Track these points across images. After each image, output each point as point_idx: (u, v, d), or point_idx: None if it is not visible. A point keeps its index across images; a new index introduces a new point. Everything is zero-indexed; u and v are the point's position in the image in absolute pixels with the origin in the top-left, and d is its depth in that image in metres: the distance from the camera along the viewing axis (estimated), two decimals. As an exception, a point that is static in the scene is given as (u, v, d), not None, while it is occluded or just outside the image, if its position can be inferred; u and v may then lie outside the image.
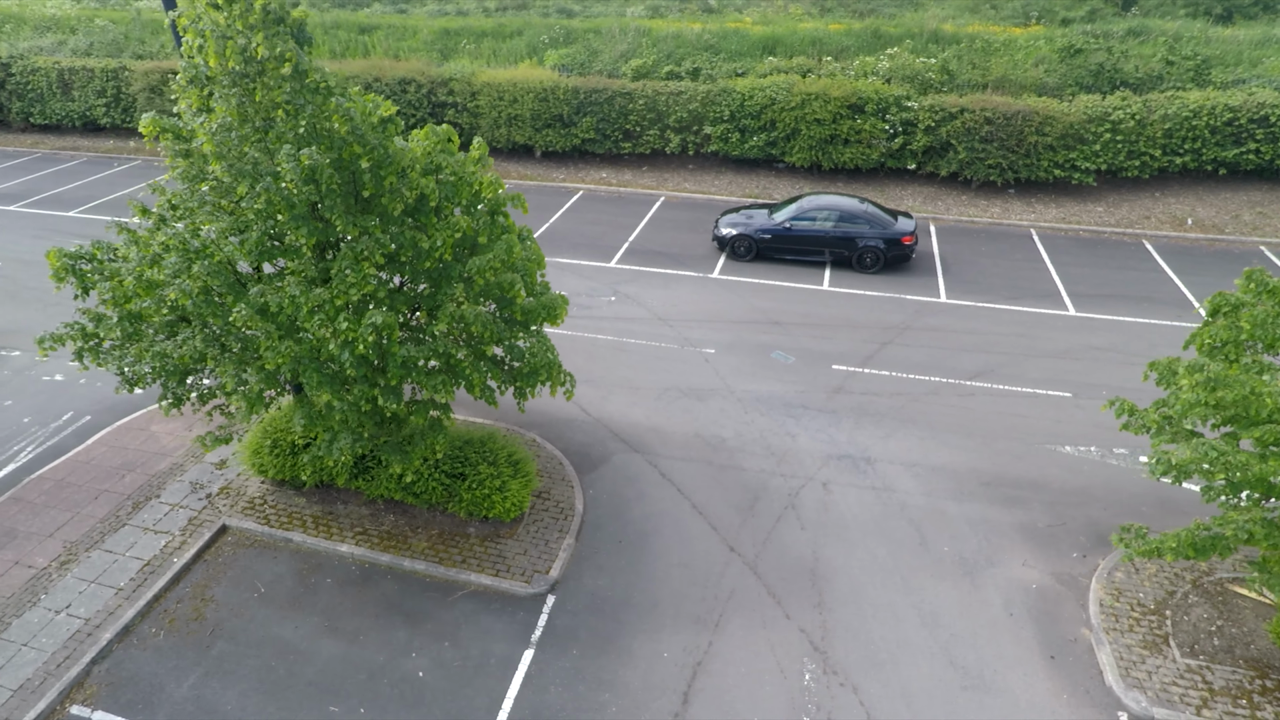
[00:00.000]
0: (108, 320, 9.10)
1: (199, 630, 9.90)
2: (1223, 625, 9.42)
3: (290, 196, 7.93)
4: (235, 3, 7.81)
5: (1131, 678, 8.86)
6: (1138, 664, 9.02)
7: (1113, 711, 8.60)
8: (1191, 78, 24.68)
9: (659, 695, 8.91)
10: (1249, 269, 8.38)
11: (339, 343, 8.14)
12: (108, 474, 12.72)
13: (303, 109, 8.12)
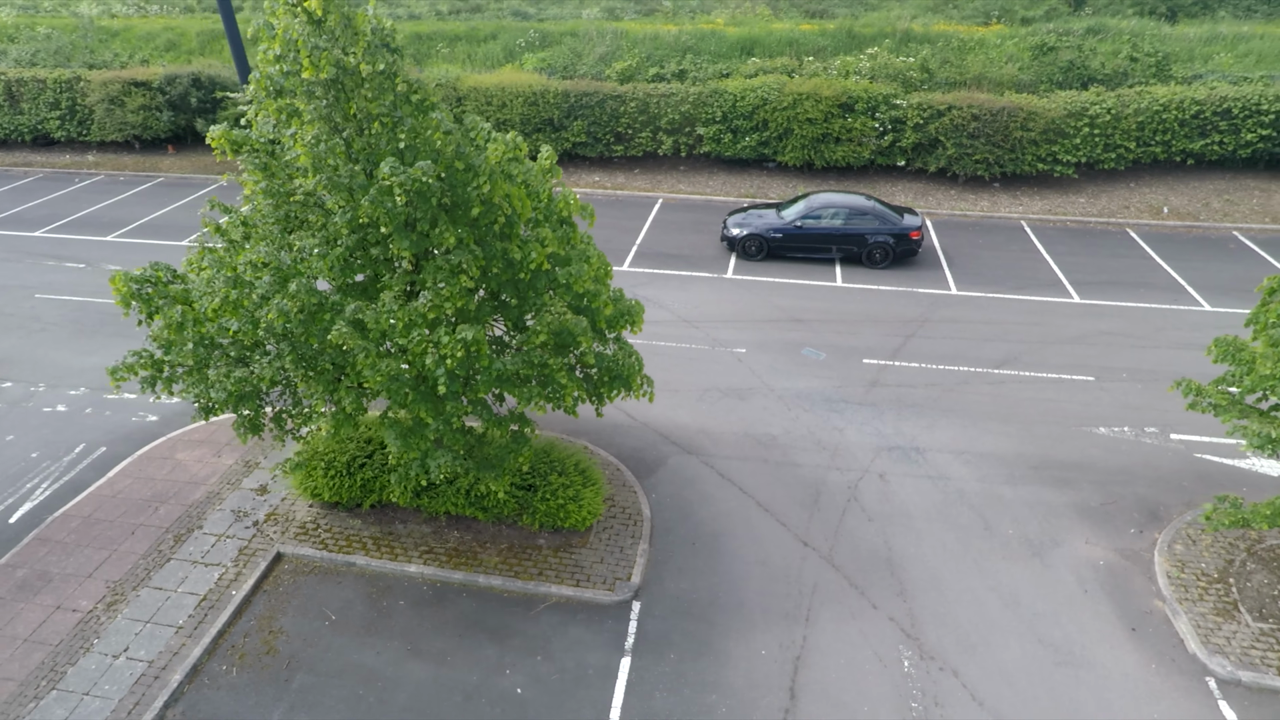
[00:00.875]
0: (179, 346, 8.63)
1: (274, 664, 9.47)
2: (1283, 589, 9.95)
3: (395, 209, 7.67)
4: (330, 15, 7.54)
5: (1212, 644, 9.26)
6: (1214, 631, 9.43)
7: (1200, 678, 8.98)
8: (1154, 74, 25.98)
9: (765, 692, 8.91)
10: None
11: (436, 358, 7.91)
12: (139, 507, 12.06)
13: (401, 122, 7.88)
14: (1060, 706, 8.67)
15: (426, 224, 7.97)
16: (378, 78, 7.77)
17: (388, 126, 7.99)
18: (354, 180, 7.82)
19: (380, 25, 7.87)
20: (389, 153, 7.97)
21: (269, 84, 8.17)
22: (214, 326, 8.38)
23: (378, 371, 7.83)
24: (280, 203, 8.53)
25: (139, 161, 28.87)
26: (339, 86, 7.84)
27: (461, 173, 8.04)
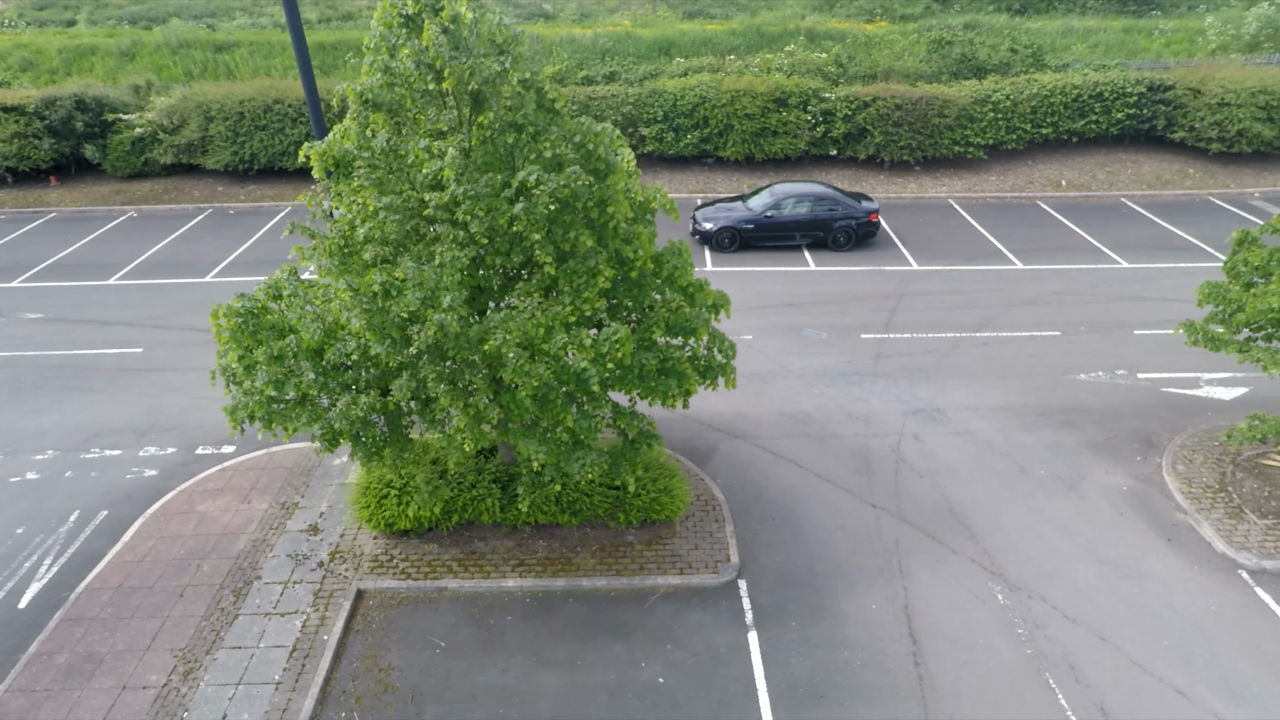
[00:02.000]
0: (296, 377, 8.08)
1: (396, 701, 9.05)
2: (1271, 491, 11.74)
3: (539, 217, 7.60)
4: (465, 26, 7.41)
5: (1234, 543, 10.82)
6: (1232, 531, 11.02)
7: (1233, 571, 10.48)
8: (1031, 64, 29.07)
9: (889, 641, 9.54)
10: None
11: (589, 359, 7.91)
12: (177, 568, 11.04)
13: (546, 130, 7.82)
14: (1136, 613, 9.87)
15: (563, 229, 7.95)
16: (517, 85, 7.69)
17: (529, 134, 7.91)
18: (495, 189, 7.68)
19: (514, 34, 7.79)
20: (533, 160, 7.89)
21: (378, 95, 7.88)
22: (335, 352, 7.96)
23: (531, 377, 7.72)
24: (408, 217, 8.18)
25: (18, 197, 25.73)
26: (477, 96, 7.69)
27: (601, 174, 8.10)
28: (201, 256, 21.16)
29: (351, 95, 8.16)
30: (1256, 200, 24.76)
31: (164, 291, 19.23)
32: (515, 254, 8.08)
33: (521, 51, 7.90)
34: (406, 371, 8.09)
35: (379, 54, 7.97)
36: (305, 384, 8.06)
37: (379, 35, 7.87)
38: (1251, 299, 10.55)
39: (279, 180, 26.18)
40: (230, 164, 25.35)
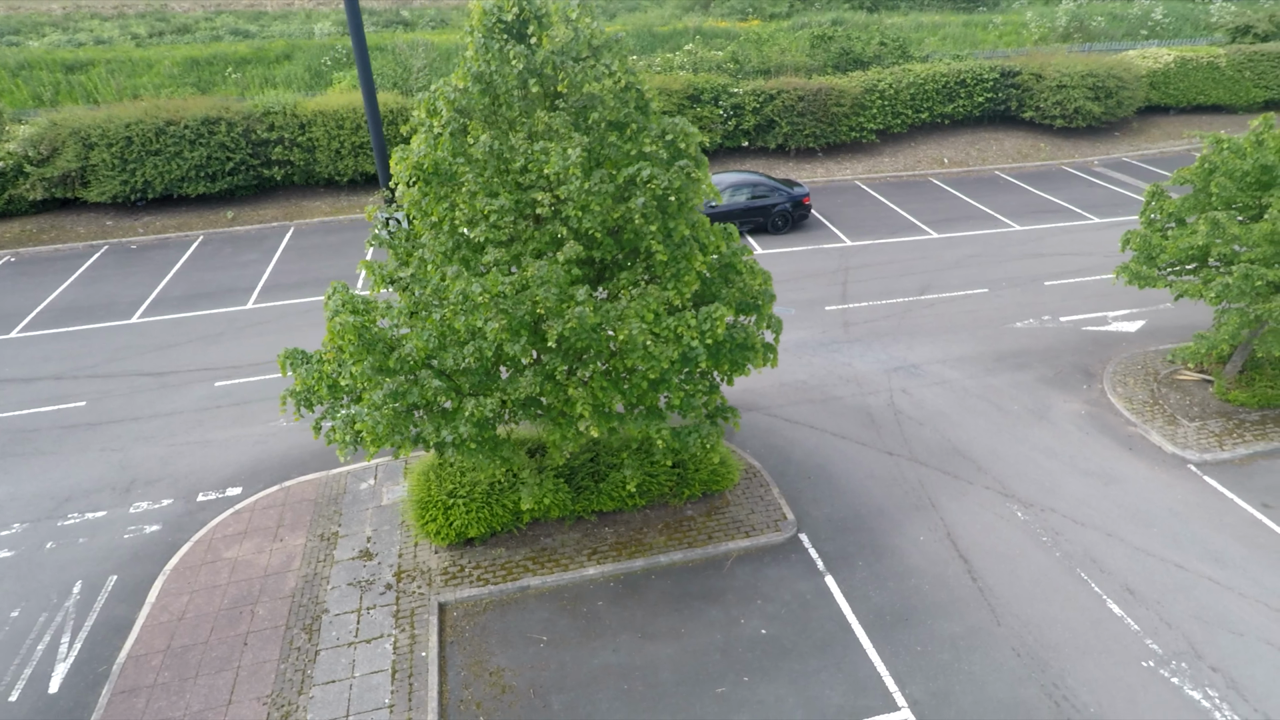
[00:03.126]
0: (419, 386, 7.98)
1: (519, 699, 9.17)
2: (1190, 399, 14.18)
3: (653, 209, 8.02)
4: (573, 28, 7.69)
5: (1178, 444, 13.03)
6: (1173, 435, 13.26)
7: (1183, 466, 12.65)
8: (899, 56, 32.16)
9: (945, 565, 10.77)
10: (1215, 135, 12.78)
11: (693, 338, 8.43)
12: (229, 618, 10.37)
13: (646, 129, 8.21)
14: (1125, 511, 11.72)
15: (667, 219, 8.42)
16: (617, 89, 8.06)
17: (632, 131, 8.28)
18: (604, 187, 8.01)
19: (616, 37, 8.13)
20: (635, 156, 8.27)
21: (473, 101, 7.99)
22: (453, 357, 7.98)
23: (660, 360, 8.13)
24: (519, 218, 8.26)
25: None
26: (585, 99, 7.98)
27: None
28: (117, 297, 19.26)
29: (444, 102, 8.19)
30: (1097, 167, 28.91)
31: (87, 339, 17.40)
32: (625, 245, 8.45)
33: (622, 53, 8.28)
34: (531, 369, 8.25)
35: (483, 60, 8.08)
36: (431, 391, 8.02)
37: (480, 43, 7.97)
38: (1171, 241, 12.76)
39: (179, 209, 24.15)
40: (120, 194, 23.07)
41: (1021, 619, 9.92)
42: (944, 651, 9.51)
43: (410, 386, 8.02)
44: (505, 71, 8.09)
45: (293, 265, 20.71)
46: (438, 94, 8.38)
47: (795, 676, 9.26)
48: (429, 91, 8.58)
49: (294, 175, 24.46)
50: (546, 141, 8.08)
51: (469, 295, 7.67)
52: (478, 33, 8.15)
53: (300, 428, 14.10)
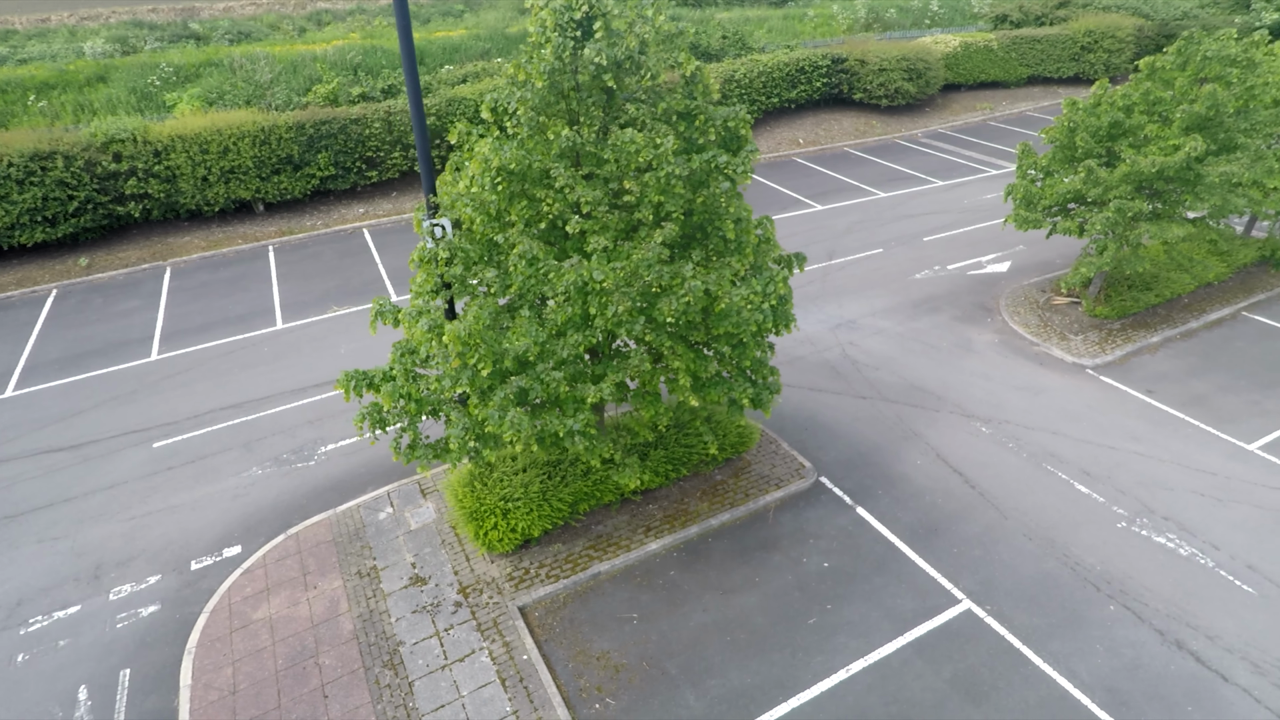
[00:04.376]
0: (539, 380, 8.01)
1: (635, 671, 9.53)
2: (1068, 319, 17.19)
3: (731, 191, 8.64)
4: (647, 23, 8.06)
5: (1073, 354, 15.83)
6: (1068, 349, 16.06)
7: (1083, 372, 15.40)
8: (740, 48, 34.68)
9: (946, 480, 12.45)
10: (1070, 99, 15.47)
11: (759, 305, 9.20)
12: (295, 676, 9.69)
13: (711, 116, 8.72)
14: (1057, 412, 14.14)
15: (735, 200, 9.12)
16: (689, 79, 8.56)
17: (701, 120, 8.79)
18: (685, 172, 8.49)
19: (679, 29, 8.58)
20: (704, 143, 8.80)
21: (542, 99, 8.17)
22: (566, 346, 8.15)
23: (749, 325, 8.80)
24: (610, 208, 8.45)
25: None
26: (655, 90, 8.39)
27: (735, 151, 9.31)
28: (-27, 366, 16.38)
29: (521, 104, 8.27)
30: (921, 139, 33.10)
31: (-43, 415, 14.73)
32: (694, 226, 9.01)
33: (685, 45, 8.77)
34: (641, 347, 8.60)
35: (557, 58, 8.23)
36: (553, 383, 8.11)
37: (559, 43, 8.13)
38: (1048, 189, 15.45)
39: (16, 261, 20.72)
40: (-70, 249, 19.40)
41: (1020, 510, 11.81)
42: (974, 549, 11.12)
43: (533, 382, 8.10)
44: (583, 67, 8.34)
45: (189, 308, 18.70)
46: (508, 96, 8.44)
47: (868, 595, 10.42)
48: (492, 94, 8.62)
49: (154, 210, 21.88)
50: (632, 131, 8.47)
51: (590, 283, 7.91)
52: (552, 31, 8.31)
53: (275, 474, 13.11)
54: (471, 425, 8.40)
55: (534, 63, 8.51)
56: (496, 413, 8.05)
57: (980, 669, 9.34)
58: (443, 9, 56.95)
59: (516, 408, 8.10)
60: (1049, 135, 15.88)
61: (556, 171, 8.43)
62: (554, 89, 8.52)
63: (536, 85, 8.51)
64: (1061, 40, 39.20)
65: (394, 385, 8.71)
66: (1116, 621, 9.93)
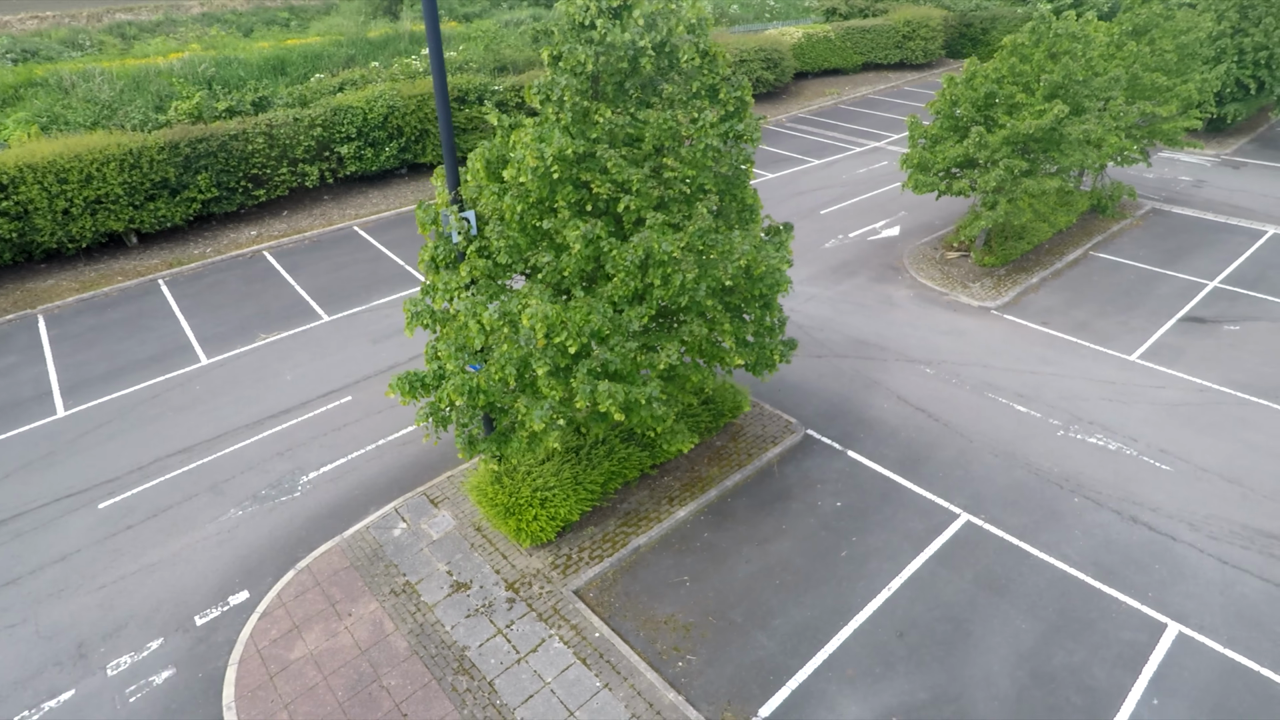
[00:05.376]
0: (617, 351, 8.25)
1: (705, 627, 10.05)
2: (962, 269, 19.54)
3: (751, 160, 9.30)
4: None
5: (976, 299, 18.09)
6: (971, 294, 18.31)
7: (989, 313, 17.66)
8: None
9: (914, 416, 13.95)
10: (948, 75, 17.52)
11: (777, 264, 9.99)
12: (363, 703, 9.36)
13: (731, 92, 9.26)
14: (979, 348, 16.17)
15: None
16: (709, 60, 9.08)
17: (723, 97, 9.32)
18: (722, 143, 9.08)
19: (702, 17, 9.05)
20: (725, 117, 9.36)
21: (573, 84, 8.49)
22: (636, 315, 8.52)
23: (782, 285, 9.56)
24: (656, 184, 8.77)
25: None
26: (687, 71, 8.84)
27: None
28: None
29: (568, 92, 8.47)
30: (787, 123, 35.57)
31: None
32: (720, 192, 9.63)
33: (707, 29, 9.25)
34: (695, 317, 9.07)
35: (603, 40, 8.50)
36: (629, 353, 8.41)
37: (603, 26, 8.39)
38: (939, 154, 17.53)
39: None
40: None
41: (980, 433, 13.53)
42: (955, 470, 12.65)
43: (613, 355, 8.38)
44: (620, 51, 8.65)
45: (84, 356, 16.69)
46: (553, 86, 8.61)
47: (882, 523, 11.59)
48: (538, 85, 8.75)
49: (4, 253, 19.16)
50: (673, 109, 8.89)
51: (656, 254, 8.31)
52: (597, 17, 8.57)
53: (259, 512, 12.29)
54: (556, 404, 8.54)
55: (576, 51, 8.74)
56: (586, 386, 8.27)
57: (994, 567, 10.76)
58: (265, 17, 53.43)
59: (604, 380, 8.37)
60: (933, 107, 17.98)
61: (606, 154, 8.74)
62: (602, 72, 8.80)
63: (587, 69, 8.74)
64: (887, 30, 43.45)
65: (462, 379, 8.64)
66: (1083, 510, 11.76)
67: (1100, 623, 9.90)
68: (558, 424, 8.58)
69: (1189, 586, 10.41)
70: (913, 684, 9.20)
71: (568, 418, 8.93)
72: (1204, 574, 10.60)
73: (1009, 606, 10.16)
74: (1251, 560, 10.82)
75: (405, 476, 12.98)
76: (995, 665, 9.38)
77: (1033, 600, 10.24)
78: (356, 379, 15.65)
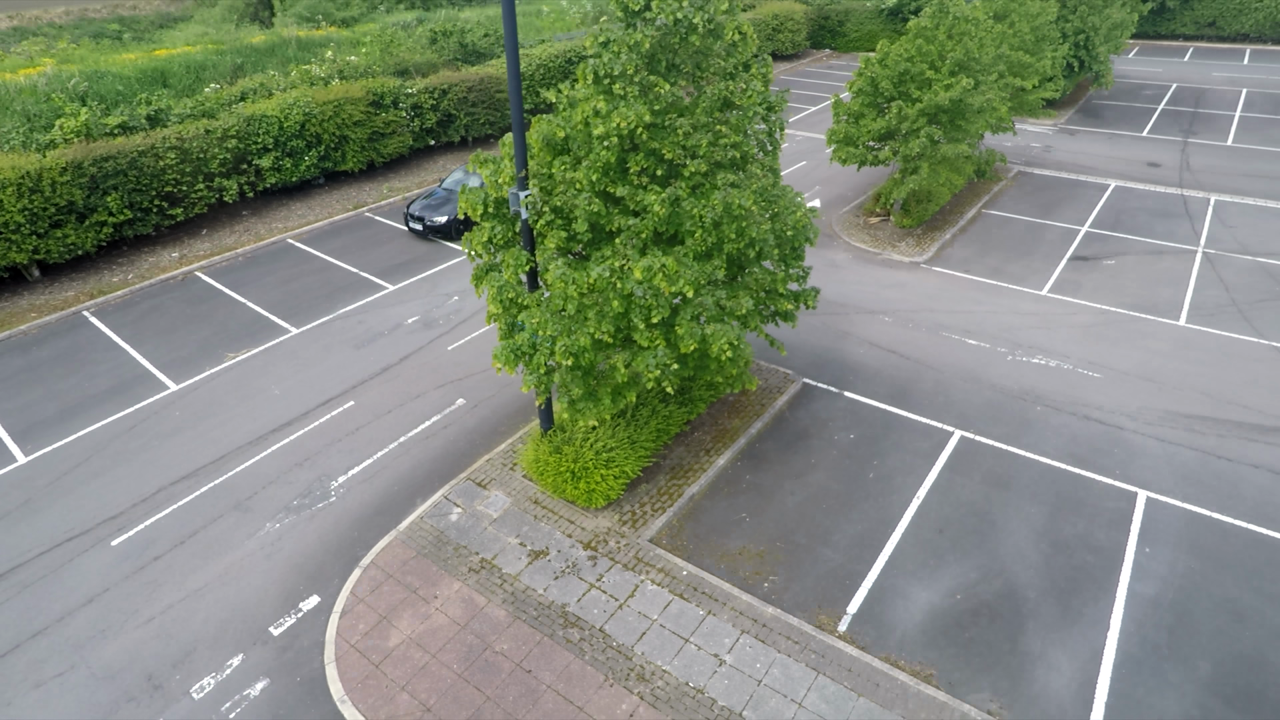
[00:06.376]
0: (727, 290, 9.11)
1: (780, 553, 11.13)
2: (886, 232, 21.79)
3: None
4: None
5: (907, 255, 20.33)
6: (902, 252, 20.53)
7: (919, 267, 19.92)
8: (500, 45, 35.64)
9: (889, 358, 15.72)
10: (865, 57, 19.53)
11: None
12: (482, 669, 9.75)
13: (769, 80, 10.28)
14: (924, 296, 18.30)
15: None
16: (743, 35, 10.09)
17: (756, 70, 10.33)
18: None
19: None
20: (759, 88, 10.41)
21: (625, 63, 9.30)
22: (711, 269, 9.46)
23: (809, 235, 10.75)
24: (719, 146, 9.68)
25: None
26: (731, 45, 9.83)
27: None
28: None
29: (629, 67, 9.14)
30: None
31: None
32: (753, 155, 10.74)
33: (737, 11, 10.16)
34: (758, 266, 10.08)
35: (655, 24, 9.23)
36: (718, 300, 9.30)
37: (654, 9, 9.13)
38: (862, 129, 19.56)
39: None
40: None
41: (949, 365, 15.50)
42: (937, 397, 14.49)
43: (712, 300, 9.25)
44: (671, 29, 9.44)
45: (28, 398, 15.23)
46: (613, 61, 9.25)
47: (894, 447, 13.17)
48: (594, 65, 9.33)
49: (-110, 291, 16.94)
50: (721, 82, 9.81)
51: (735, 208, 9.25)
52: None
53: (298, 521, 12.08)
54: (666, 351, 9.28)
55: (633, 32, 9.44)
56: (695, 330, 9.07)
57: (995, 469, 12.59)
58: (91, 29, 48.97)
59: (713, 323, 9.23)
60: (853, 86, 20.03)
61: (677, 122, 9.54)
62: (660, 48, 9.56)
63: (644, 47, 9.45)
64: (758, 25, 46.25)
65: (569, 340, 9.18)
66: (1047, 415, 13.91)
67: (1088, 499, 11.94)
68: (671, 369, 9.32)
69: (1143, 462, 12.72)
70: (963, 568, 10.75)
71: (668, 365, 9.68)
72: (1150, 451, 12.96)
73: (1016, 497, 12.00)
74: (1180, 436, 13.33)
75: (439, 468, 13.11)
76: (1021, 542, 11.13)
77: (1032, 490, 12.14)
78: (353, 384, 15.39)
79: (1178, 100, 36.40)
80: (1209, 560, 10.80)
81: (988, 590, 10.39)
